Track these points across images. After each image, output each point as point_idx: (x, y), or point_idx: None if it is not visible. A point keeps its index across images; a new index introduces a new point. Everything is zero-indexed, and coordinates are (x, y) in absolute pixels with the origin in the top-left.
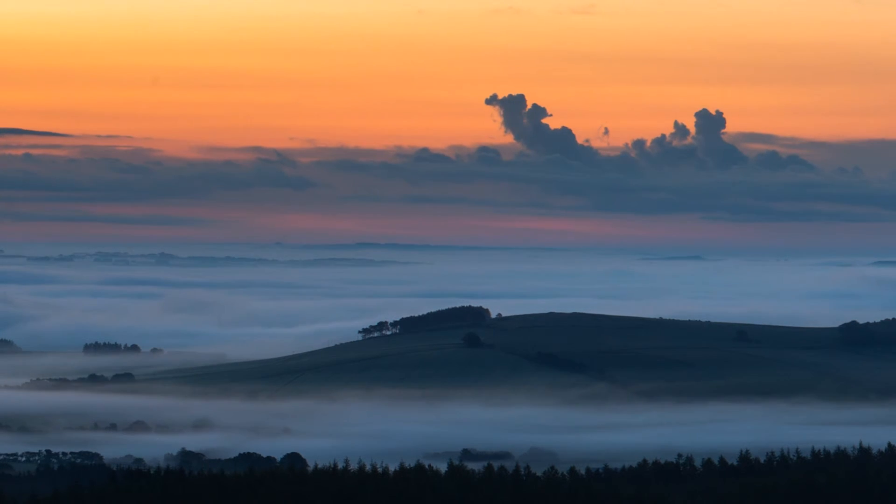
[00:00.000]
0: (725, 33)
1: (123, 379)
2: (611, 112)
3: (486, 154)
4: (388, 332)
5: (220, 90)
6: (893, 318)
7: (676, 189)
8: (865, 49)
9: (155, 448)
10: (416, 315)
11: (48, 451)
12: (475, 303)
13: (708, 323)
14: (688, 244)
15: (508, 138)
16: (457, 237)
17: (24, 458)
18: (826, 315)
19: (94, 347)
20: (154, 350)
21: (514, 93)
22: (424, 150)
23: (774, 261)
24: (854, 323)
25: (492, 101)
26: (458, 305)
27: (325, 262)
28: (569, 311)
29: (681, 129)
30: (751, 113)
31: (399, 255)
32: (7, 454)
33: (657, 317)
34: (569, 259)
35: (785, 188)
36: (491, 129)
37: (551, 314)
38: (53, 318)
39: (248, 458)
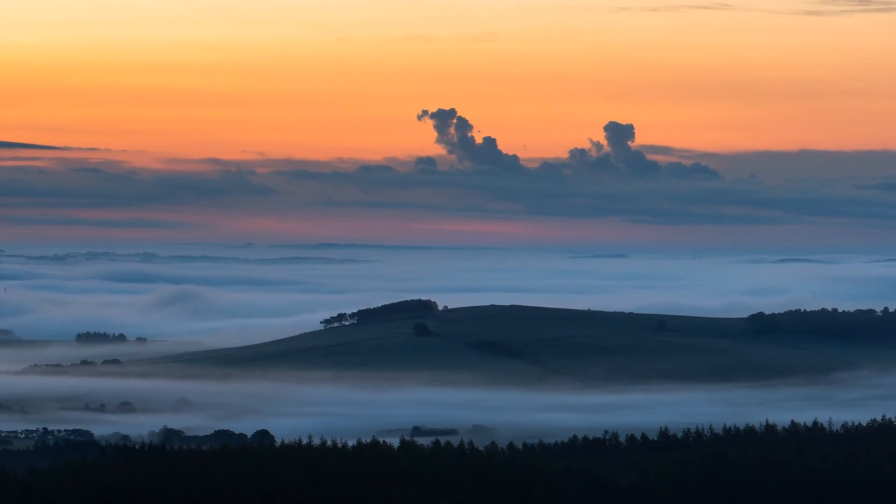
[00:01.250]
0: (614, 55)
1: (112, 365)
2: (526, 127)
3: (424, 164)
4: (347, 323)
5: (174, 108)
6: (796, 310)
7: (598, 195)
8: (748, 70)
9: (140, 426)
10: (372, 307)
11: (45, 429)
12: (424, 296)
13: (631, 314)
14: (612, 244)
15: (441, 150)
16: (406, 238)
17: (23, 436)
18: (736, 307)
19: (86, 337)
20: (139, 339)
21: (435, 109)
22: (365, 161)
23: (689, 258)
24: (761, 314)
25: (423, 115)
26: (408, 299)
27: (290, 261)
28: (507, 303)
29: (596, 143)
30: (648, 128)
31: (355, 254)
32: (8, 432)
33: (586, 308)
34: (506, 257)
35: (694, 194)
36: (422, 142)
37: (491, 306)
38: (49, 310)
39: (223, 435)
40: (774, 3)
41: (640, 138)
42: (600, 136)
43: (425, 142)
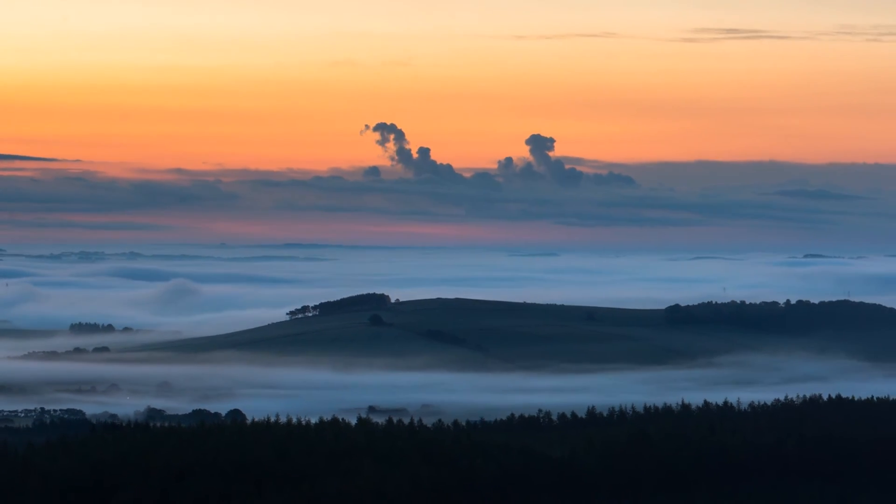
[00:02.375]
0: (522, 77)
1: (101, 352)
2: (456, 141)
3: (370, 174)
4: (310, 314)
5: (141, 124)
6: (708, 302)
7: (529, 200)
8: (641, 90)
9: (126, 406)
10: (332, 300)
11: (42, 409)
12: (377, 291)
13: (562, 306)
14: (543, 244)
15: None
16: (360, 239)
17: (23, 414)
18: (655, 300)
19: (78, 327)
20: (126, 329)
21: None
22: (315, 171)
23: (613, 257)
24: (677, 305)
25: (365, 130)
26: (364, 293)
27: (259, 259)
28: (452, 296)
29: (522, 155)
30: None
31: (317, 253)
32: (9, 411)
33: (522, 301)
34: (450, 256)
35: (614, 199)
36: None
37: (438, 299)
38: (46, 303)
39: (200, 414)
40: (653, 31)
41: (558, 150)
42: (523, 149)
43: (368, 154)
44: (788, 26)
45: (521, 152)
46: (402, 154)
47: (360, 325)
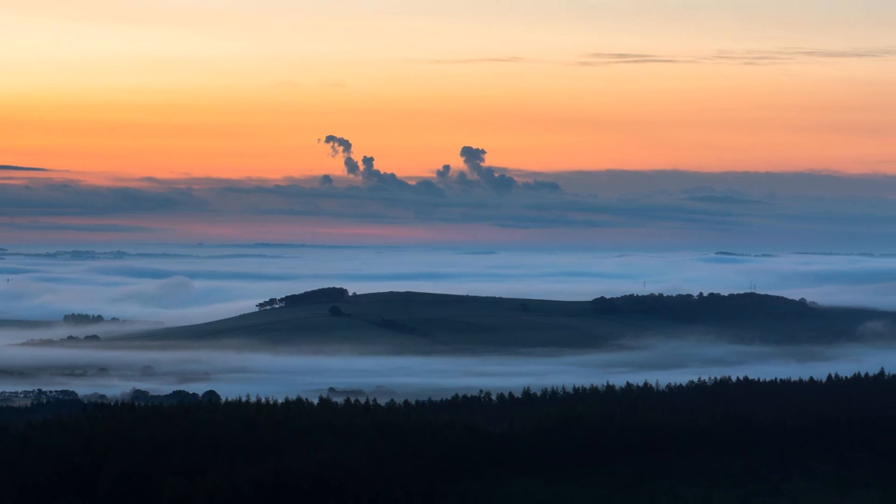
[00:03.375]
0: (447, 96)
1: (92, 340)
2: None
3: (325, 181)
4: (277, 306)
5: (115, 139)
6: (630, 295)
7: (468, 204)
8: (551, 107)
9: (114, 388)
10: (296, 294)
11: (39, 390)
12: (337, 285)
13: (500, 298)
14: (483, 243)
15: (336, 170)
16: (320, 240)
17: (22, 395)
18: (582, 293)
19: (71, 317)
20: (113, 319)
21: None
22: (274, 179)
23: (545, 254)
24: (602, 298)
25: (320, 141)
26: (325, 287)
27: (232, 257)
28: (403, 290)
29: (457, 165)
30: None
31: (282, 252)
32: (10, 392)
33: (465, 294)
34: (400, 254)
35: (544, 203)
36: (318, 164)
37: (390, 293)
38: (43, 297)
39: (179, 395)
40: (553, 56)
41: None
42: (458, 159)
43: (321, 164)
44: (673, 52)
45: (456, 162)
46: (351, 164)
47: (322, 316)
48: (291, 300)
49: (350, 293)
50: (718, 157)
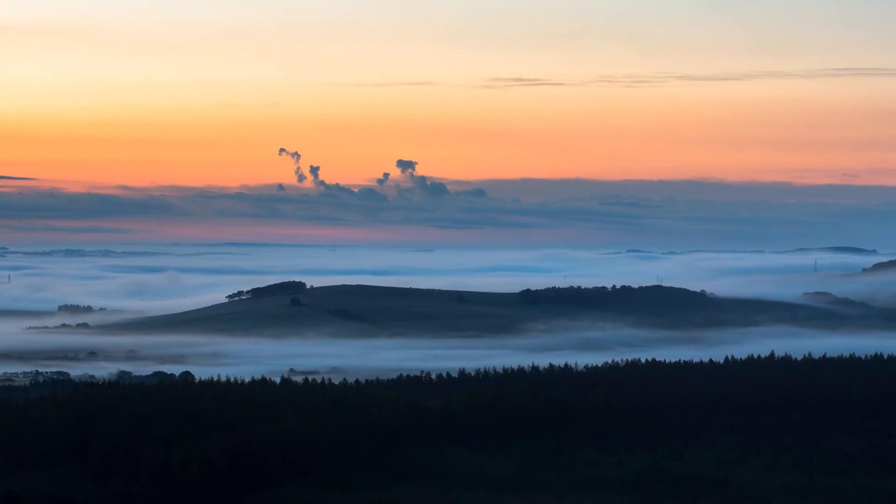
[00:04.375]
0: (376, 114)
1: (83, 327)
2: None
3: (282, 189)
4: (244, 297)
5: (87, 151)
6: (552, 287)
7: (409, 209)
8: (463, 124)
9: (102, 369)
10: (261, 287)
11: (36, 371)
12: (296, 279)
13: (439, 290)
14: (423, 242)
15: (290, 179)
16: (281, 239)
17: (21, 375)
18: (511, 285)
19: (65, 308)
20: (101, 309)
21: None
22: (234, 187)
23: (478, 252)
24: (528, 290)
25: (281, 153)
26: (286, 281)
27: (205, 255)
28: (354, 283)
29: (394, 174)
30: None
31: (248, 250)
32: (11, 373)
33: (408, 287)
34: (352, 252)
35: (475, 207)
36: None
37: (343, 286)
38: (40, 290)
39: (159, 375)
40: (459, 80)
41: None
42: (395, 169)
43: (274, 173)
44: (562, 76)
45: (393, 172)
46: (301, 174)
47: (283, 306)
48: (256, 292)
49: (308, 286)
50: (616, 167)
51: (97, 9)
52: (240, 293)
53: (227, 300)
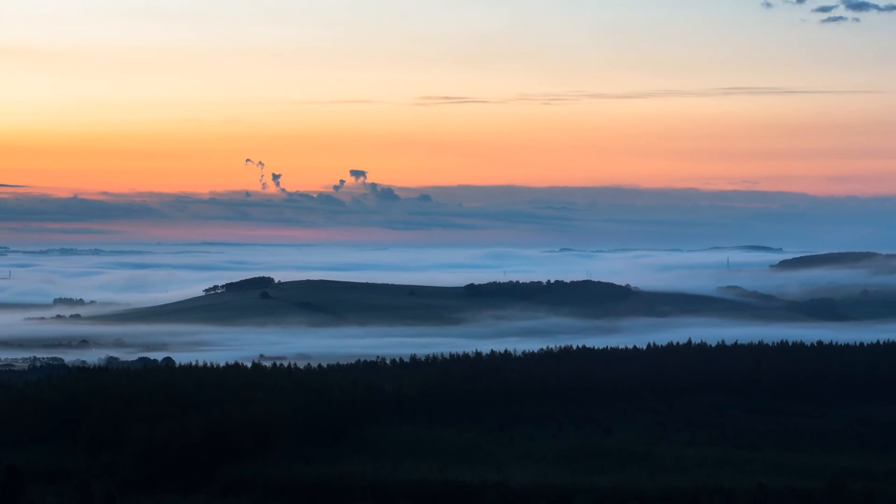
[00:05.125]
0: (320, 128)
1: (76, 318)
2: (299, 171)
3: (249, 195)
4: (219, 291)
5: (69, 162)
6: (494, 282)
7: (364, 212)
8: (415, 136)
9: (92, 355)
10: (234, 281)
11: (34, 357)
12: (266, 274)
13: (392, 285)
14: (378, 242)
15: (253, 186)
16: (252, 239)
17: (21, 361)
18: (456, 280)
19: (60, 300)
20: (92, 302)
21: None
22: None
23: (429, 251)
24: (472, 284)
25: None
26: (256, 276)
27: (184, 253)
28: (317, 279)
29: (349, 182)
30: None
31: (223, 249)
32: (11, 358)
33: (365, 282)
34: (315, 251)
35: (422, 211)
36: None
37: (307, 281)
38: (37, 284)
39: (143, 360)
40: (394, 98)
41: (370, 178)
42: (349, 177)
43: (240, 180)
44: (485, 94)
45: (348, 179)
46: (265, 181)
47: (254, 299)
48: (230, 287)
49: (276, 281)
50: (543, 175)
51: (77, 36)
52: (215, 287)
53: (203, 294)
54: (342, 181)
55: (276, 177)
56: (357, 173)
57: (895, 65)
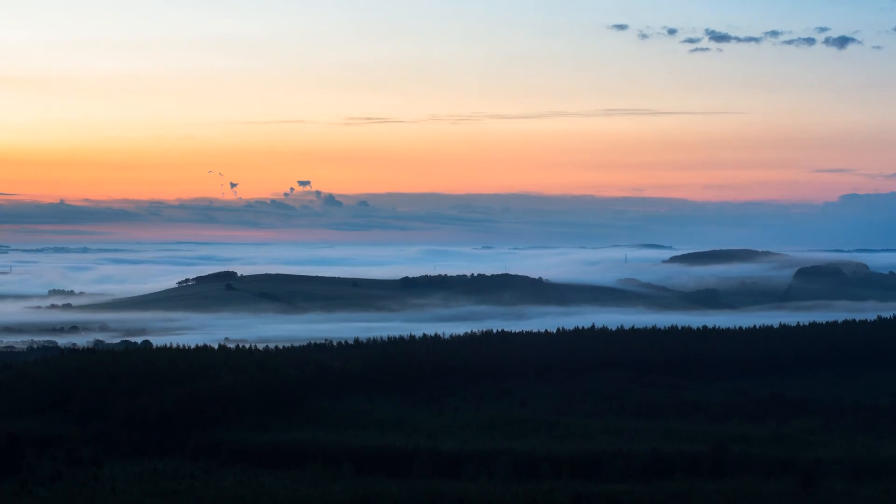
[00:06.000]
0: (262, 144)
1: (67, 307)
2: (247, 182)
3: (212, 200)
4: (190, 283)
5: (49, 172)
6: (426, 275)
7: (312, 215)
8: (345, 152)
9: (82, 339)
10: (203, 275)
11: (32, 340)
12: (230, 269)
13: (339, 277)
14: (326, 241)
15: (213, 193)
16: (217, 239)
17: (20, 344)
18: (394, 273)
19: (53, 292)
20: (81, 293)
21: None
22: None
23: (369, 249)
24: (407, 277)
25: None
26: (222, 271)
27: (159, 251)
28: (275, 273)
29: (297, 190)
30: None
31: (193, 247)
32: (13, 342)
33: (315, 275)
34: (272, 249)
35: (363, 213)
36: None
37: (266, 274)
38: (35, 278)
39: (125, 343)
40: (323, 118)
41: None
42: (298, 186)
43: (199, 189)
44: (400, 115)
45: (296, 188)
46: (226, 189)
47: (220, 290)
48: (199, 279)
49: (239, 275)
50: (460, 184)
51: (53, 64)
52: (186, 280)
53: (177, 285)
54: (292, 189)
55: (233, 185)
56: (303, 182)
57: (753, 89)
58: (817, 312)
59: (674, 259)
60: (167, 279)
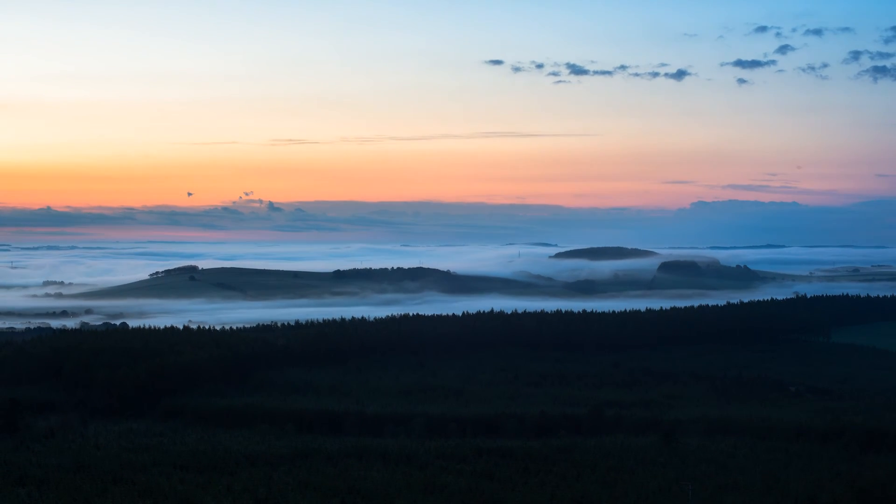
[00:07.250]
0: (209, 161)
1: (59, 294)
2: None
3: (174, 206)
4: (160, 275)
5: (36, 184)
6: (354, 269)
7: (258, 219)
8: (279, 166)
9: (71, 321)
10: (170, 269)
11: (29, 322)
12: (192, 263)
13: (282, 270)
14: (271, 241)
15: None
16: (181, 239)
17: (19, 325)
18: (327, 266)
19: (47, 282)
20: (70, 283)
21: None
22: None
23: (306, 247)
24: (339, 270)
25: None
26: (186, 265)
27: (134, 249)
28: (229, 267)
29: (244, 198)
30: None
31: (162, 246)
32: (13, 326)
33: (263, 269)
34: (229, 247)
35: (300, 217)
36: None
37: (222, 268)
38: (31, 272)
39: (107, 324)
40: (253, 140)
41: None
42: (243, 195)
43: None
44: (316, 137)
45: (243, 196)
46: (184, 197)
47: (185, 280)
48: (168, 272)
49: (200, 268)
50: (373, 194)
51: (42, 94)
52: (157, 273)
53: (149, 277)
54: (240, 197)
55: (190, 194)
56: (248, 192)
57: (608, 114)
58: (677, 300)
59: (558, 255)
60: (141, 272)
